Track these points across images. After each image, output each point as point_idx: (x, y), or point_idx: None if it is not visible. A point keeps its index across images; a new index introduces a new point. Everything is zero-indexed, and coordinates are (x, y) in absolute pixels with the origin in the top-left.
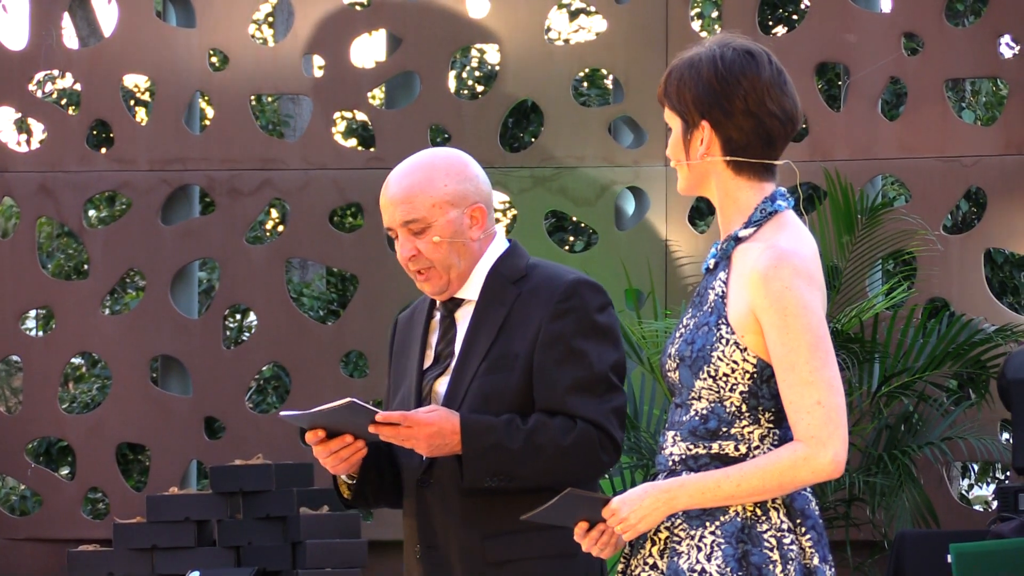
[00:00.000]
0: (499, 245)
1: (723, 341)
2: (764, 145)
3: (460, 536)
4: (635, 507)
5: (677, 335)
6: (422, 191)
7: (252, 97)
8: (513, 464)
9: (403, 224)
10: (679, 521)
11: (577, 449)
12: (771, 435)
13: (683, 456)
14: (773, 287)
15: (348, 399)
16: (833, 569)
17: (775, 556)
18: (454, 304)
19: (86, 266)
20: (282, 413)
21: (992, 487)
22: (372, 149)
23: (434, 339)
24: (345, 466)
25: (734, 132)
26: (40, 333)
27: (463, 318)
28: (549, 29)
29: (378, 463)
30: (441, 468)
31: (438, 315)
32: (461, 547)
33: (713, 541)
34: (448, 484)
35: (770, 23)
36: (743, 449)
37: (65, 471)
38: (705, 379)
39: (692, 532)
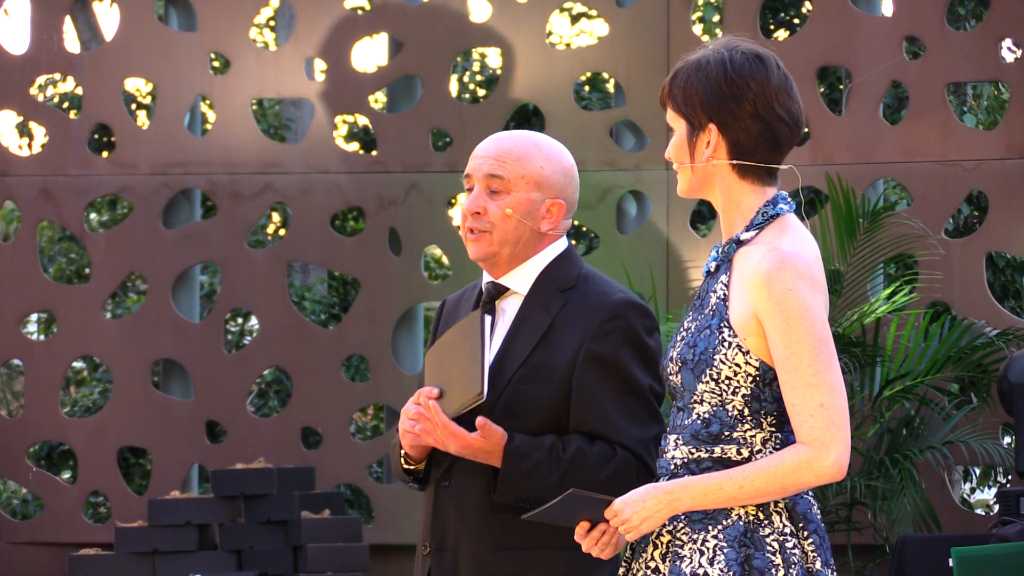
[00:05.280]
0: (558, 246)
1: (725, 344)
2: (770, 149)
3: (471, 544)
4: (637, 508)
5: (679, 338)
6: (519, 159)
7: (254, 101)
8: (546, 493)
9: (486, 176)
10: (681, 525)
11: (613, 481)
12: (773, 438)
13: (685, 460)
14: (776, 290)
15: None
16: (835, 573)
17: (777, 560)
18: (498, 292)
19: (87, 270)
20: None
21: (994, 491)
22: (374, 153)
23: None
24: (420, 448)
25: (742, 135)
26: (42, 337)
27: (504, 311)
28: (551, 33)
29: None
30: (461, 471)
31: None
32: (471, 555)
33: (716, 545)
34: (466, 489)
35: (771, 27)
36: (745, 453)
37: (67, 475)
38: (707, 382)
39: (695, 536)
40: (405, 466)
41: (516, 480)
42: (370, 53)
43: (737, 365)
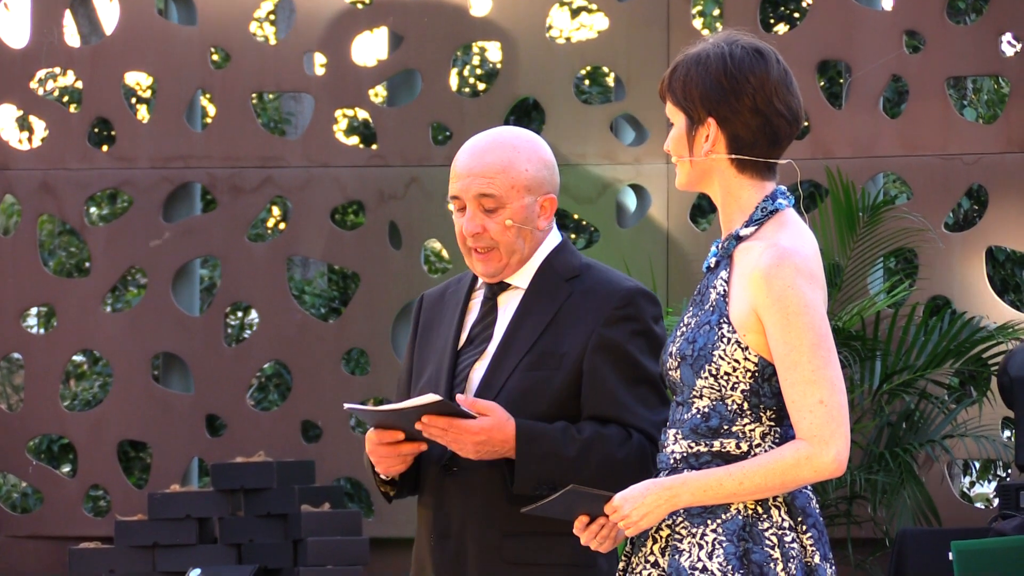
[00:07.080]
0: (554, 238)
1: (724, 340)
2: (769, 144)
3: (478, 530)
4: (637, 504)
5: (678, 333)
6: (504, 170)
7: (254, 95)
8: (565, 474)
9: (477, 196)
10: (680, 519)
11: (630, 462)
12: (772, 433)
13: (684, 454)
14: (775, 286)
15: (432, 397)
16: (834, 567)
17: (776, 554)
18: (499, 288)
19: (87, 264)
20: (347, 406)
21: (993, 485)
22: (373, 147)
23: (470, 319)
24: (402, 467)
25: (741, 130)
26: (41, 331)
27: (506, 304)
28: (551, 27)
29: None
30: (467, 458)
31: (478, 296)
32: (478, 541)
33: (714, 539)
34: (472, 475)
35: (771, 20)
36: (744, 447)
37: (67, 468)
38: (707, 378)
39: (694, 530)
40: (381, 488)
41: (535, 463)
42: (370, 47)
43: (736, 361)
